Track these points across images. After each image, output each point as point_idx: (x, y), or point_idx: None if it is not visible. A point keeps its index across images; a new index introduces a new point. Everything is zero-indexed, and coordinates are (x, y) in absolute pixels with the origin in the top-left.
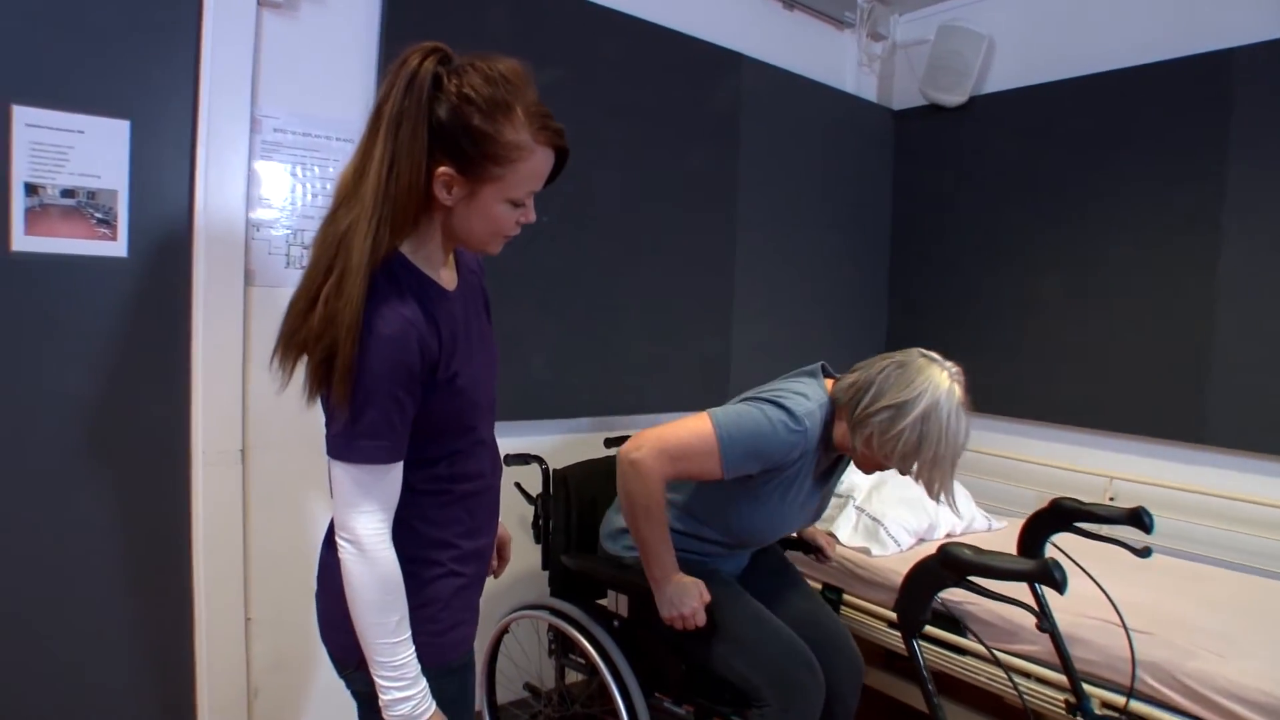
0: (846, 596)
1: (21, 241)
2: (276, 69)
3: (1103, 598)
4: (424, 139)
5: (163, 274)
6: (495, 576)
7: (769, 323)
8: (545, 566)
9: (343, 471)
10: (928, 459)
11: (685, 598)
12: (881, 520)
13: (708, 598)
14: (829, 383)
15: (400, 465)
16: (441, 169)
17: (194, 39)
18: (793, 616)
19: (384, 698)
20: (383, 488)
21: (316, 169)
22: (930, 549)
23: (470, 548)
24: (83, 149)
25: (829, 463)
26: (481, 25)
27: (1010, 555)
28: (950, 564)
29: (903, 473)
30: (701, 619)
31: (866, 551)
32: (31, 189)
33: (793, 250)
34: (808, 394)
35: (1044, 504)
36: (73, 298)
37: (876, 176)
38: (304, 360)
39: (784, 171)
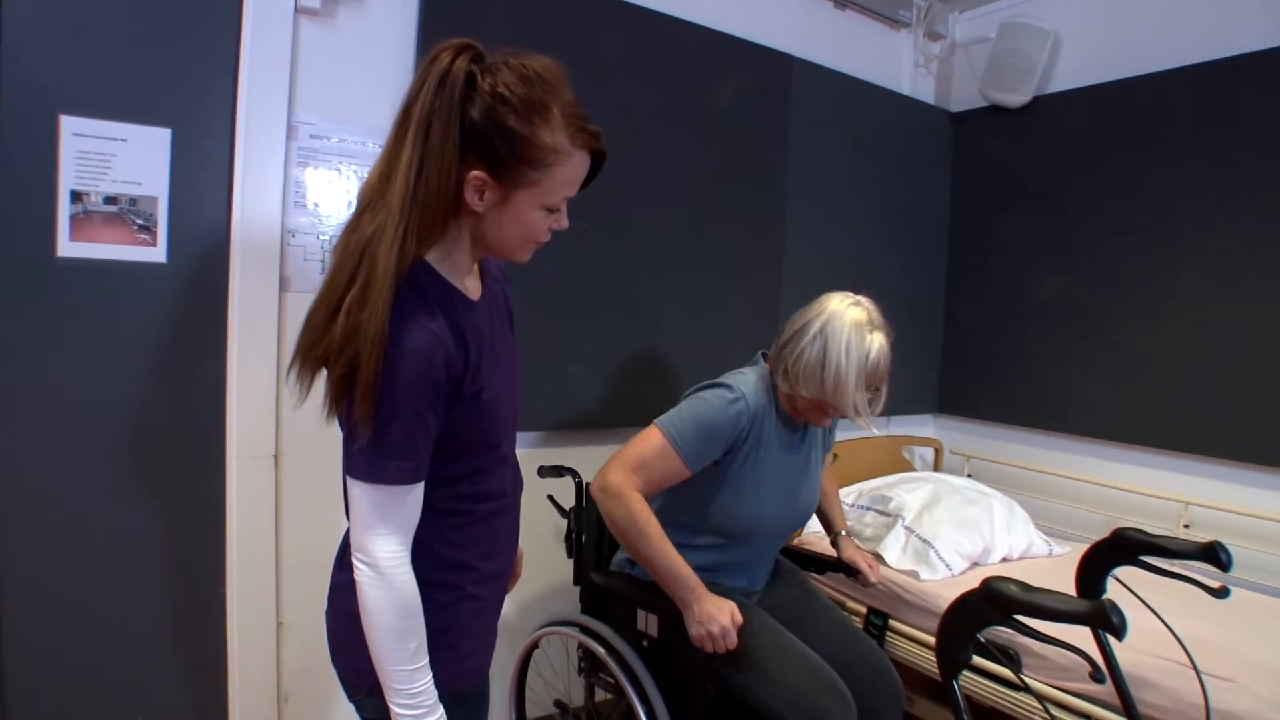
0: (893, 622)
1: (66, 247)
2: (313, 75)
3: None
4: (455, 141)
5: (201, 280)
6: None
7: None
8: (576, 582)
9: (361, 492)
10: (831, 375)
11: (716, 616)
12: (932, 542)
13: (739, 619)
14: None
15: (421, 486)
16: (474, 173)
17: (233, 48)
18: (823, 643)
19: None
20: (403, 509)
21: (352, 175)
22: (984, 574)
23: (489, 570)
24: (125, 157)
25: (792, 432)
26: (521, 29)
27: (1063, 594)
28: (994, 600)
29: (824, 402)
30: (732, 640)
31: (915, 575)
32: (76, 196)
33: (843, 259)
34: (744, 371)
35: (1108, 532)
36: (114, 302)
37: (933, 182)
38: (323, 373)
39: (835, 177)
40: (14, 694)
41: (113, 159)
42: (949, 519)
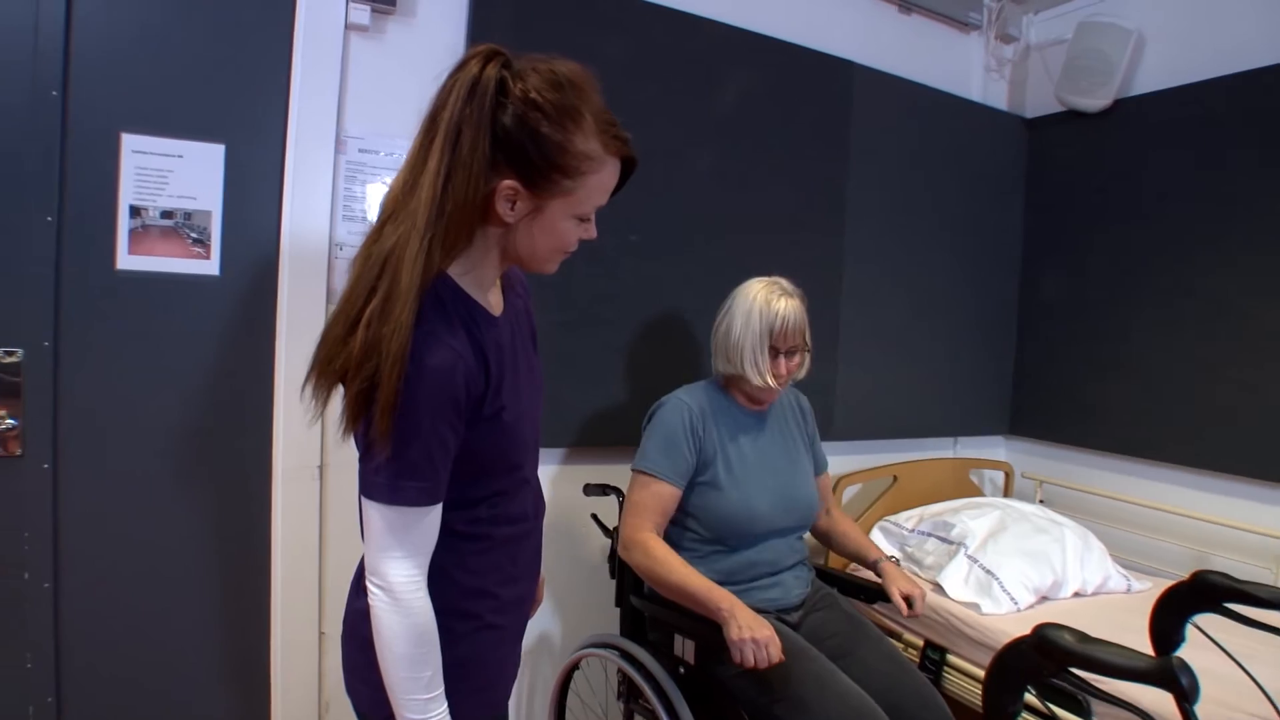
0: (951, 658)
1: (125, 260)
2: (362, 90)
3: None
4: (485, 150)
5: (251, 292)
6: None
7: (880, 354)
8: (618, 603)
9: (377, 513)
10: (735, 342)
11: (761, 626)
12: (996, 573)
13: (779, 644)
14: None
15: (439, 508)
16: (506, 182)
17: (285, 64)
18: (870, 676)
19: None
20: (420, 531)
21: None
22: (1054, 609)
23: (510, 596)
24: (181, 172)
25: (755, 420)
26: (570, 41)
27: (1125, 649)
28: (1046, 650)
29: (739, 376)
30: (776, 650)
31: (977, 608)
32: (135, 211)
33: (908, 275)
34: (689, 385)
35: (1195, 568)
36: (169, 314)
37: (1006, 193)
38: (339, 389)
39: (898, 188)
40: (69, 695)
41: (170, 174)
42: (1016, 549)
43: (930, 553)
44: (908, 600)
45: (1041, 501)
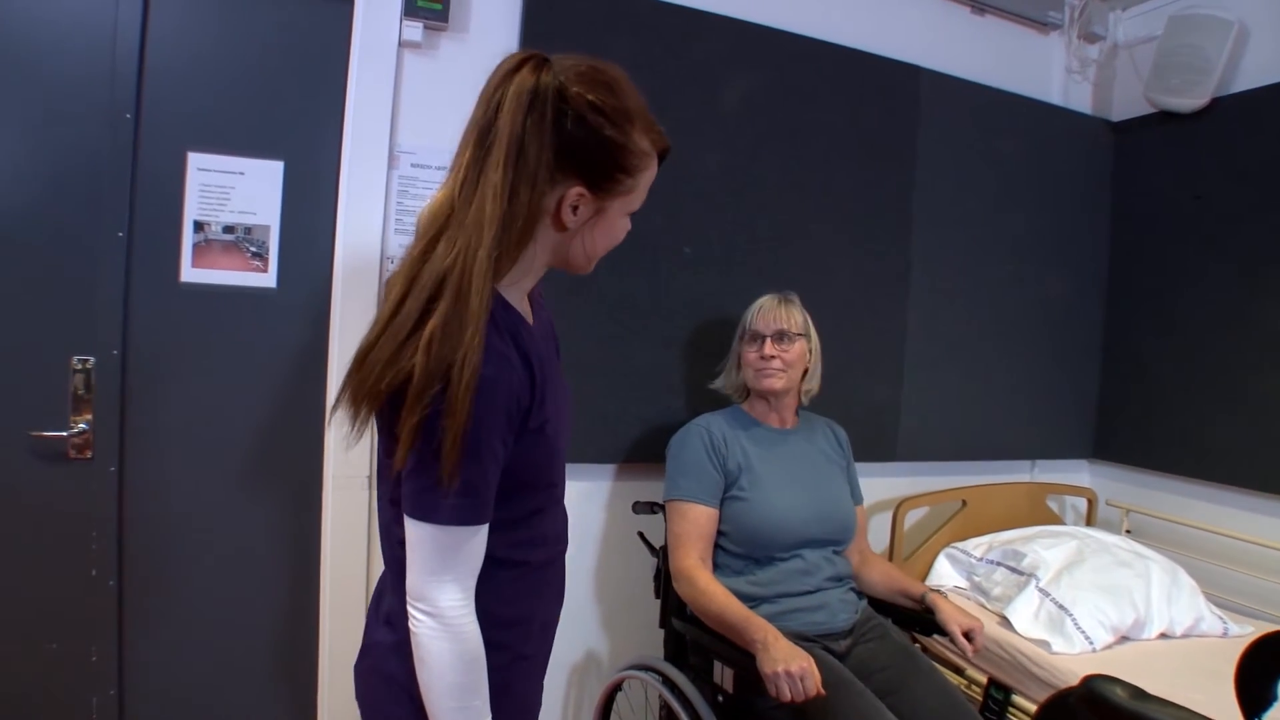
0: (1017, 698)
1: (188, 273)
2: (414, 105)
3: None
4: (549, 160)
5: (306, 304)
6: None
7: (949, 371)
8: (661, 625)
9: (427, 534)
10: (733, 347)
11: (795, 656)
12: (1070, 609)
13: (818, 676)
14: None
15: (487, 528)
16: (575, 189)
17: (342, 82)
18: (920, 713)
19: None
20: (470, 552)
21: None
22: (1136, 650)
23: (540, 624)
24: (242, 189)
25: (778, 433)
26: (627, 54)
27: (1185, 710)
28: (1095, 706)
29: (742, 371)
30: (813, 683)
31: (1046, 645)
32: (199, 226)
33: (980, 289)
34: None
35: None
36: (229, 325)
37: (1090, 201)
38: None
39: (972, 197)
40: (130, 689)
41: (231, 191)
42: (1093, 583)
43: (999, 583)
44: (967, 635)
45: (1128, 532)
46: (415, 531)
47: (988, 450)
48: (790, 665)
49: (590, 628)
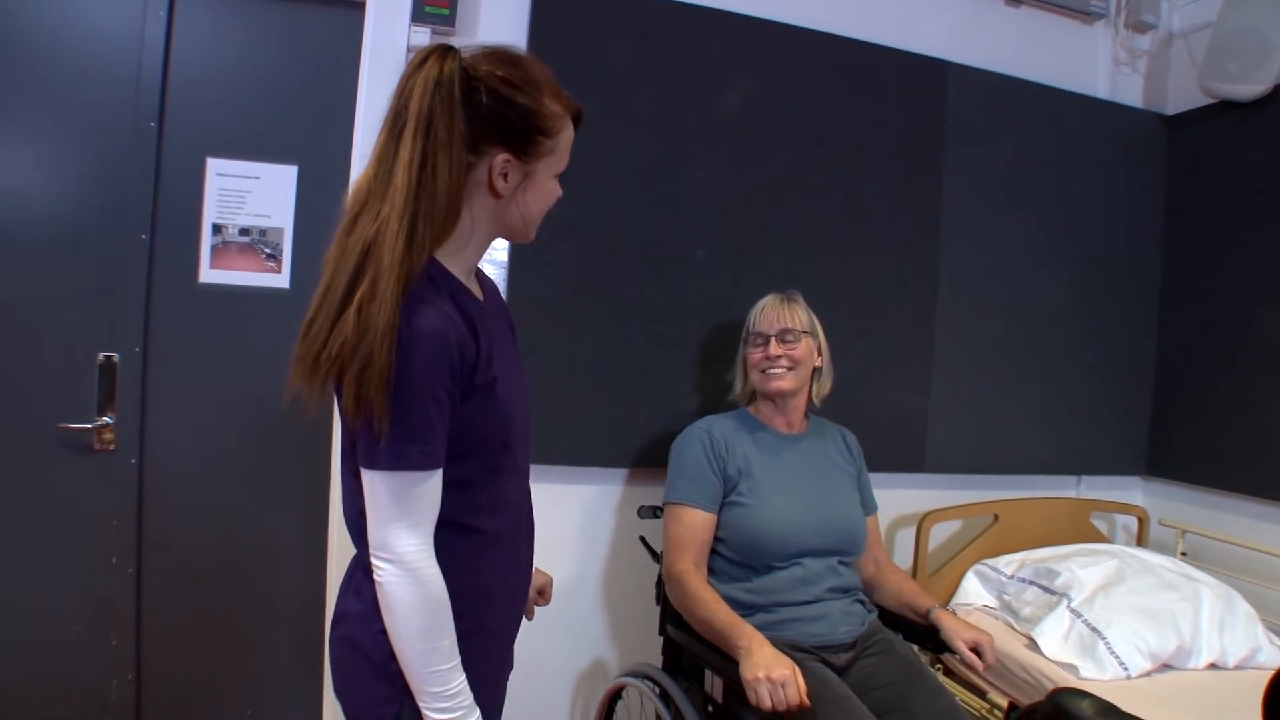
0: None
1: (207, 274)
2: None
3: None
4: (463, 130)
5: None
6: (529, 619)
7: (985, 378)
8: (660, 632)
9: (380, 483)
10: (739, 352)
11: (776, 664)
12: (1103, 631)
13: (803, 686)
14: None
15: (440, 475)
16: (500, 157)
17: (352, 88)
18: None
19: None
20: (424, 499)
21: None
22: (1176, 683)
23: (502, 597)
24: (258, 192)
25: (784, 439)
26: (629, 53)
27: None
28: None
29: (747, 373)
30: (795, 692)
31: (1074, 670)
32: (217, 229)
33: (1018, 293)
34: None
35: None
36: (244, 324)
37: (1142, 199)
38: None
39: (1006, 198)
40: (148, 674)
41: (248, 195)
42: (1132, 605)
43: (1029, 603)
44: (975, 650)
45: (1183, 554)
46: (369, 483)
47: (1027, 463)
48: (771, 672)
49: (599, 634)
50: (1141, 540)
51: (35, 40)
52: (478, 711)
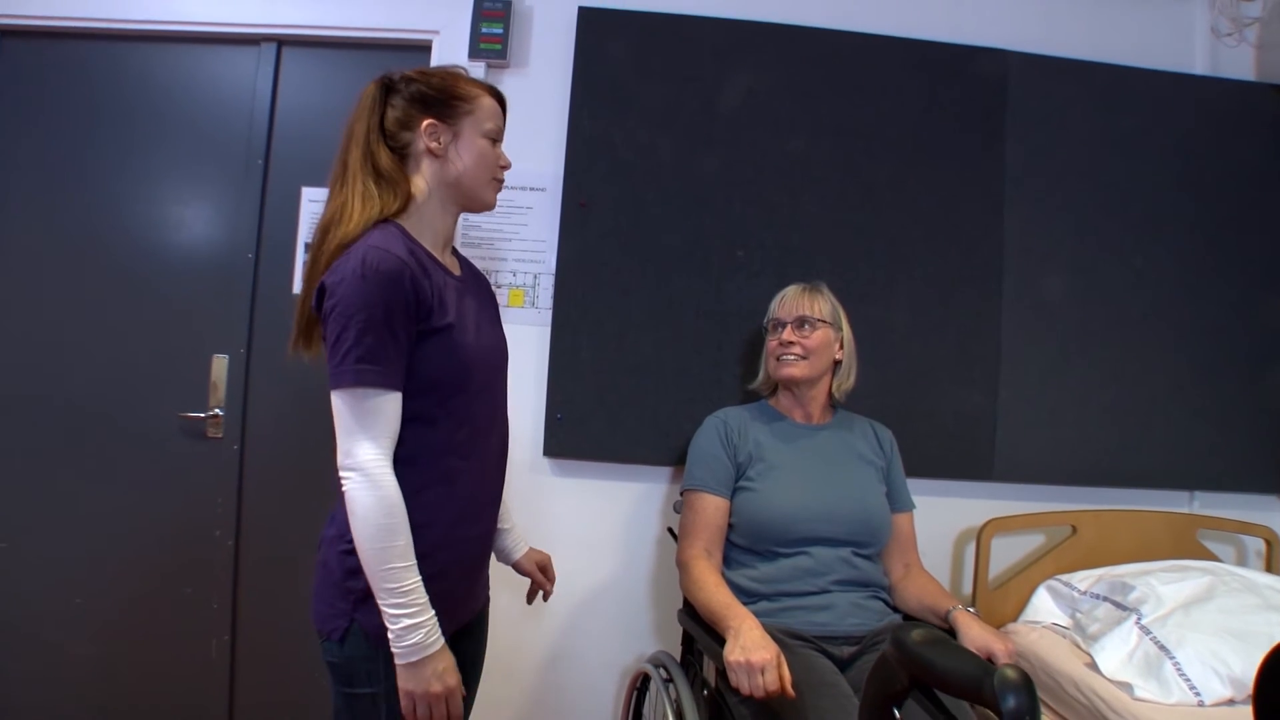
0: None
1: (299, 286)
2: None
3: None
4: (378, 126)
5: None
6: (545, 598)
7: (1064, 381)
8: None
9: (342, 401)
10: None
11: (761, 646)
12: (1173, 650)
13: (787, 675)
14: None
15: (398, 398)
16: (426, 123)
17: None
18: None
19: (393, 627)
20: (383, 416)
21: (514, 232)
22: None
23: (454, 535)
24: None
25: (802, 429)
26: (670, 72)
27: (965, 651)
28: (899, 656)
29: (766, 364)
30: (774, 678)
31: (1129, 689)
32: (308, 247)
33: (1107, 287)
34: None
35: None
36: None
37: (1257, 180)
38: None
39: (1083, 191)
40: (242, 636)
41: None
42: (1216, 625)
43: (1098, 620)
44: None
45: None
46: (336, 405)
47: (1122, 475)
48: (752, 655)
49: (642, 627)
50: (1270, 565)
51: (169, 96)
52: (431, 612)
